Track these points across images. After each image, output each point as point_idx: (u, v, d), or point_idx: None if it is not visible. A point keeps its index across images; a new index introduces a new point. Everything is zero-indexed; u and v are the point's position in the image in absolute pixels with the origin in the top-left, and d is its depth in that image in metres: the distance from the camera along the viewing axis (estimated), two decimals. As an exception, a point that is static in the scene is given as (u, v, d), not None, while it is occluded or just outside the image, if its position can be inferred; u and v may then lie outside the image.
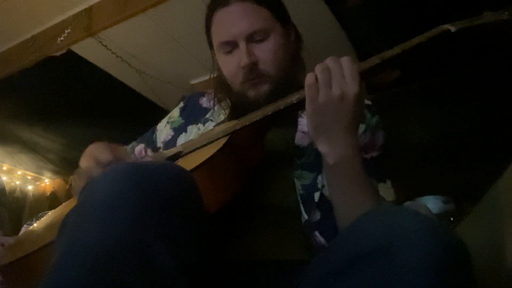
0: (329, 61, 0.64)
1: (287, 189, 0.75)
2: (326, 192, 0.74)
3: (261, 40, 0.79)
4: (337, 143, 0.63)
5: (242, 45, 0.78)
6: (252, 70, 0.78)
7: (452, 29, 0.63)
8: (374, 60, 0.65)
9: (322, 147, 0.65)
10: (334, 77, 0.62)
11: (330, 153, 0.64)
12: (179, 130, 0.93)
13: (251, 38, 0.79)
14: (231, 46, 0.80)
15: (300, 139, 0.79)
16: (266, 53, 0.79)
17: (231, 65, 0.81)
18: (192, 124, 0.92)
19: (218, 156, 0.63)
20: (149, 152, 0.97)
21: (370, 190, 0.67)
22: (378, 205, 0.73)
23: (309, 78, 0.64)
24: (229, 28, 0.79)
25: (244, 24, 0.78)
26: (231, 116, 0.85)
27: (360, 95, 0.63)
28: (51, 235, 0.51)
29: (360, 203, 0.65)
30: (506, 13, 0.63)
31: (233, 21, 0.79)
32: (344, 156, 0.64)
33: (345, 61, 0.63)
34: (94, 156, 0.72)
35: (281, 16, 0.83)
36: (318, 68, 0.64)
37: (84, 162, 0.74)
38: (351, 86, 0.62)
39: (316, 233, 0.72)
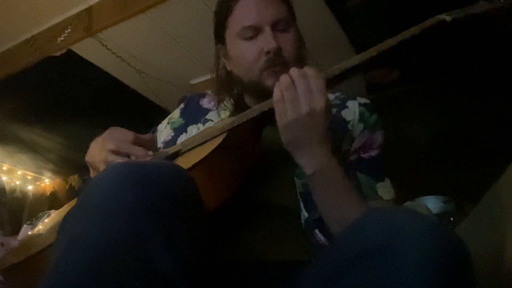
0: (295, 76, 0.64)
1: (287, 187, 0.76)
2: None
3: (283, 30, 0.80)
4: (312, 155, 0.65)
5: (268, 29, 0.78)
6: (276, 56, 0.78)
7: (448, 18, 0.63)
8: (371, 53, 0.65)
9: (298, 160, 0.66)
10: (301, 93, 0.63)
11: (307, 164, 0.66)
12: (179, 130, 0.94)
13: (275, 26, 0.80)
14: (254, 31, 0.80)
15: None
16: (288, 42, 0.80)
17: (252, 51, 0.80)
18: (192, 124, 0.92)
19: (216, 154, 0.63)
20: (149, 152, 0.97)
21: (353, 195, 0.67)
22: (374, 206, 0.73)
23: (276, 94, 0.64)
24: (257, 13, 0.80)
25: (272, 11, 0.79)
26: (232, 116, 0.85)
27: (328, 107, 0.63)
28: (52, 237, 0.51)
29: (344, 209, 0.65)
30: (501, 1, 0.63)
31: (260, 8, 0.80)
32: (321, 166, 0.65)
33: (311, 75, 0.64)
34: (120, 138, 0.71)
35: (294, 15, 0.86)
36: (282, 84, 0.64)
37: (108, 142, 0.72)
38: (318, 101, 0.62)
39: (317, 231, 0.72)
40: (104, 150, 0.71)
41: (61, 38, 2.58)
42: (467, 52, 2.53)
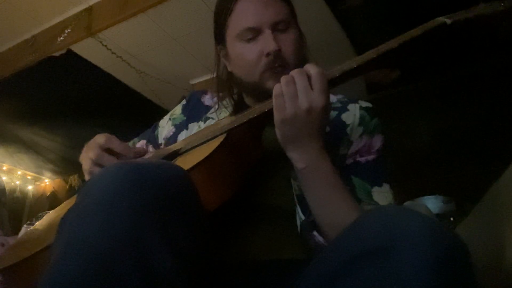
0: (295, 73, 0.64)
1: (285, 188, 0.75)
2: None
3: (284, 31, 0.80)
4: (305, 149, 0.65)
5: (268, 31, 0.78)
6: (277, 57, 0.78)
7: (448, 21, 0.63)
8: (370, 55, 0.65)
9: (290, 154, 0.66)
10: (300, 89, 0.63)
11: (299, 159, 0.65)
12: (180, 127, 0.93)
13: (275, 27, 0.79)
14: (254, 33, 0.79)
15: None
16: (288, 43, 0.80)
17: (253, 53, 0.79)
18: (193, 121, 0.92)
19: (216, 154, 0.63)
20: (150, 148, 0.97)
21: (344, 193, 0.67)
22: (367, 209, 0.73)
23: (276, 88, 0.64)
24: (256, 15, 0.79)
25: (271, 12, 0.79)
26: (233, 115, 0.85)
27: (327, 106, 0.64)
28: (51, 237, 0.51)
29: (334, 206, 0.65)
30: (502, 4, 0.63)
31: (259, 9, 0.79)
32: (313, 161, 0.65)
33: (315, 73, 0.63)
34: (99, 144, 0.74)
35: (295, 14, 0.86)
36: (283, 80, 0.64)
37: (89, 151, 0.75)
38: (319, 99, 0.62)
39: (315, 232, 0.72)
40: (87, 158, 0.75)
41: (61, 38, 2.58)
42: (466, 52, 2.53)
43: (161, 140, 0.96)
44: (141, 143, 0.99)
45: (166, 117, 1.00)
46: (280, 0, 0.82)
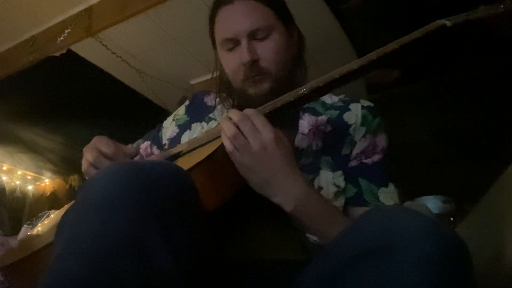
0: (237, 121, 0.63)
1: None
2: (324, 194, 0.74)
3: (263, 39, 0.80)
4: (285, 191, 0.64)
5: (244, 42, 0.79)
6: (253, 67, 0.78)
7: (448, 23, 0.63)
8: (371, 57, 0.65)
9: (275, 199, 0.65)
10: (247, 134, 0.63)
11: (285, 202, 0.64)
12: (183, 127, 0.94)
13: (253, 36, 0.79)
14: (233, 43, 0.81)
15: (300, 140, 0.79)
16: (267, 51, 0.80)
17: (233, 62, 0.81)
18: (196, 122, 0.93)
19: (217, 154, 0.63)
20: (155, 149, 0.97)
21: (338, 219, 0.67)
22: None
23: (228, 146, 0.63)
24: (232, 25, 0.80)
25: (247, 22, 0.79)
26: None
27: (278, 138, 0.63)
28: (52, 236, 0.51)
29: (330, 232, 0.64)
30: (501, 6, 0.63)
31: (236, 19, 0.80)
32: (298, 199, 0.64)
33: (251, 114, 0.64)
34: (97, 148, 0.75)
35: (284, 16, 0.84)
36: (229, 134, 0.63)
37: (88, 153, 0.76)
38: (266, 135, 0.63)
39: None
40: (85, 160, 0.76)
41: (61, 38, 2.58)
42: (467, 53, 2.53)
43: (165, 140, 0.96)
44: (145, 144, 0.99)
45: (170, 118, 1.01)
46: (261, 5, 0.80)
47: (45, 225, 0.87)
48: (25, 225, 2.17)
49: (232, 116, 0.65)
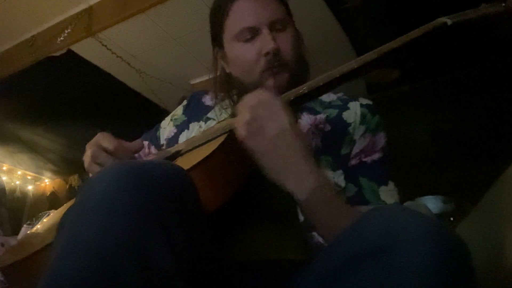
0: (257, 104, 0.62)
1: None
2: None
3: (281, 30, 0.81)
4: (300, 177, 0.61)
5: (266, 31, 0.79)
6: (276, 56, 0.78)
7: (449, 22, 0.63)
8: (371, 56, 0.65)
9: (289, 186, 0.62)
10: (266, 118, 0.61)
11: (298, 190, 0.61)
12: (181, 127, 0.94)
13: (273, 26, 0.80)
14: (252, 33, 0.80)
15: None
16: (286, 42, 0.80)
17: (251, 53, 0.80)
18: (194, 121, 0.92)
19: (217, 154, 0.63)
20: (153, 149, 0.97)
21: (347, 210, 0.65)
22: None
23: (241, 132, 0.62)
24: (253, 14, 0.80)
25: (268, 12, 0.80)
26: (232, 116, 0.85)
27: (294, 123, 0.62)
28: (52, 236, 0.51)
29: (339, 224, 0.62)
30: (503, 4, 0.63)
31: (257, 8, 0.80)
32: (312, 189, 0.61)
33: (268, 99, 0.62)
34: (99, 143, 0.74)
35: (291, 14, 0.86)
36: (246, 118, 0.61)
37: (89, 149, 0.75)
38: (283, 118, 0.61)
39: (314, 233, 0.72)
40: (87, 156, 0.75)
41: (61, 38, 2.58)
42: (467, 52, 2.53)
43: (163, 140, 0.96)
44: (144, 144, 0.99)
45: (168, 118, 1.01)
46: (277, 0, 0.82)
47: (44, 225, 0.87)
48: (25, 225, 2.17)
49: (248, 101, 0.63)
